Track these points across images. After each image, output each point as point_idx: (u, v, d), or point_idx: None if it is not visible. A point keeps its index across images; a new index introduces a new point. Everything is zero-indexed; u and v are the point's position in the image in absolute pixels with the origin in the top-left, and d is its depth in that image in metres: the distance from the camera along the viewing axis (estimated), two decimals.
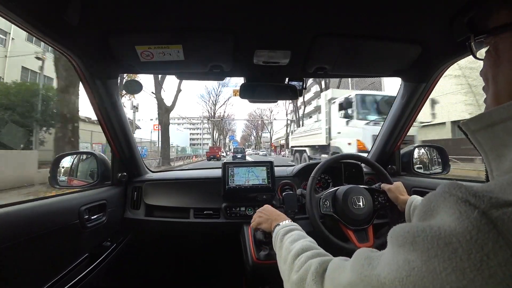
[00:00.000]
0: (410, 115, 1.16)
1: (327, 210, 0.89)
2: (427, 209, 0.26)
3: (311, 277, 0.39)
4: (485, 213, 0.20)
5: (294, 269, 0.45)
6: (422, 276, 0.21)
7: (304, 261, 0.44)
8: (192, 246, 1.46)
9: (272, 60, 0.86)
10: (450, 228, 0.21)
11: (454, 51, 0.82)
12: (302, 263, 0.44)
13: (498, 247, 0.18)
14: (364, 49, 0.82)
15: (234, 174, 1.15)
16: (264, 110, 50.35)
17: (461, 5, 0.59)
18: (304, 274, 0.41)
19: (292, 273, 0.44)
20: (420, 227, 0.23)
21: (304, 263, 0.44)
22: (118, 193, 1.15)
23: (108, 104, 0.97)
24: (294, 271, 0.44)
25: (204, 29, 0.71)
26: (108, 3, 0.59)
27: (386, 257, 0.27)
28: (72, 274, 0.81)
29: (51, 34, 0.65)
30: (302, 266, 0.44)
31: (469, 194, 0.22)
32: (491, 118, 0.30)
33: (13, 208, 0.66)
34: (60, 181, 1.06)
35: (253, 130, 61.79)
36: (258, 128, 56.94)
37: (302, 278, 0.41)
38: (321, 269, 0.40)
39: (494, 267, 0.18)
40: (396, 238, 0.26)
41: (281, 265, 0.51)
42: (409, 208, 0.78)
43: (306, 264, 0.43)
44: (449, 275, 0.19)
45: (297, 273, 0.43)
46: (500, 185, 0.23)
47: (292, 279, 0.43)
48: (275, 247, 0.58)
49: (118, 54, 0.79)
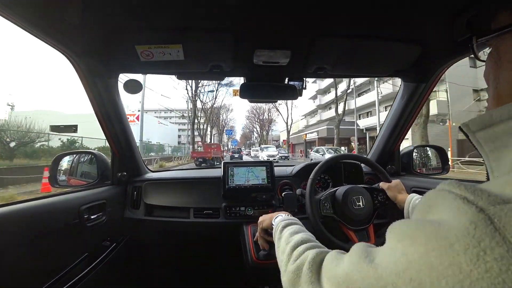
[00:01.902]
0: (410, 115, 1.16)
1: (327, 212, 0.89)
2: (426, 206, 0.26)
3: (307, 266, 0.40)
4: (483, 210, 0.20)
5: (292, 259, 0.45)
6: (419, 270, 0.21)
7: (302, 251, 0.45)
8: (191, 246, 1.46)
9: (272, 60, 0.86)
10: (448, 224, 0.21)
11: (454, 51, 0.82)
12: (300, 253, 0.44)
13: (494, 242, 0.18)
14: (364, 49, 0.82)
15: (234, 174, 1.15)
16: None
17: (461, 5, 0.59)
18: (301, 263, 0.42)
19: (289, 263, 0.45)
20: (419, 222, 0.24)
21: (301, 254, 0.44)
22: (118, 193, 1.15)
23: (108, 104, 0.97)
24: (292, 261, 0.45)
25: (204, 29, 0.71)
26: (108, 3, 0.59)
27: (384, 250, 0.27)
28: (71, 273, 0.81)
29: (51, 34, 0.65)
30: (299, 256, 0.44)
31: (468, 191, 0.23)
32: (491, 118, 0.30)
33: (13, 208, 0.66)
34: (60, 181, 1.06)
35: (255, 125, 50.43)
36: (264, 122, 46.29)
37: (298, 267, 0.42)
38: (318, 259, 0.40)
39: (490, 262, 0.18)
40: (394, 232, 0.26)
41: (279, 255, 0.51)
42: (408, 206, 0.78)
43: (303, 254, 0.44)
44: (446, 269, 0.19)
45: (294, 262, 0.44)
46: (499, 184, 0.23)
47: (289, 268, 0.44)
48: (275, 238, 0.59)
49: (118, 53, 0.79)
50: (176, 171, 1.59)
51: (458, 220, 0.21)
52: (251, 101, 1.11)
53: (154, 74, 1.04)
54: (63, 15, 0.59)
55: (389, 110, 1.25)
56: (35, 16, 0.58)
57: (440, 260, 0.20)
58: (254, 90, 1.05)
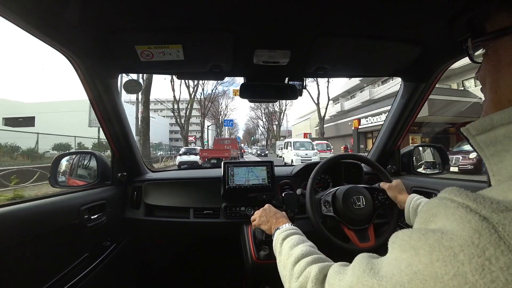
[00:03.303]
0: (410, 115, 1.16)
1: (327, 212, 0.89)
2: (428, 215, 0.26)
3: (311, 285, 0.39)
4: (486, 218, 0.20)
5: (294, 276, 0.44)
6: (424, 281, 0.21)
7: (304, 267, 0.44)
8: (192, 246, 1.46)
9: (272, 60, 0.86)
10: (451, 233, 0.21)
11: (454, 51, 0.82)
12: (302, 270, 0.44)
13: (499, 251, 0.18)
14: (364, 49, 0.82)
15: (234, 174, 1.15)
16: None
17: (461, 5, 0.59)
18: (304, 281, 0.41)
19: (292, 280, 0.44)
20: (422, 232, 0.23)
21: (304, 270, 0.44)
22: (118, 193, 1.15)
23: (108, 104, 0.97)
24: (294, 278, 0.44)
25: (204, 29, 0.71)
26: (108, 2, 0.59)
27: (388, 261, 0.27)
28: (72, 274, 0.81)
29: (51, 34, 0.65)
30: (302, 272, 0.43)
31: (470, 199, 0.22)
32: (492, 122, 0.30)
33: (13, 208, 0.66)
34: (60, 181, 1.06)
35: (262, 120, 40.96)
36: (273, 116, 36.74)
37: (302, 285, 0.41)
38: (321, 276, 0.40)
39: (495, 271, 0.18)
40: (398, 243, 0.26)
41: (281, 270, 0.51)
42: (409, 207, 0.78)
43: (305, 270, 0.43)
44: (450, 280, 0.19)
45: (297, 280, 0.43)
46: (501, 189, 0.23)
47: (292, 286, 0.43)
48: (275, 251, 0.58)
49: (118, 54, 0.79)
50: (176, 171, 1.59)
51: (461, 229, 0.21)
52: (251, 101, 1.11)
53: (154, 74, 1.04)
54: (63, 16, 0.59)
55: (389, 110, 1.25)
56: (34, 16, 0.58)
57: (445, 271, 0.20)
58: (254, 90, 1.05)
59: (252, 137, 52.81)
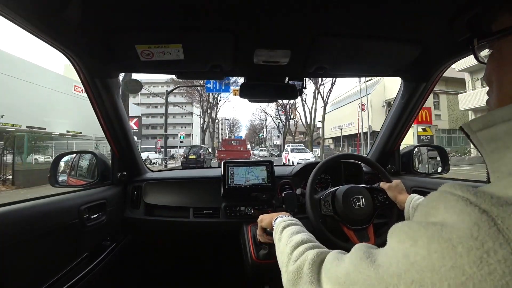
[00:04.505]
0: (410, 114, 1.16)
1: (327, 211, 0.89)
2: (428, 207, 0.26)
3: (307, 266, 0.40)
4: (486, 211, 0.20)
5: (292, 260, 0.45)
6: (421, 271, 0.21)
7: (302, 251, 0.45)
8: (191, 246, 1.46)
9: (272, 59, 0.86)
10: (451, 225, 0.21)
11: (454, 51, 0.82)
12: (300, 254, 0.44)
13: (498, 244, 0.18)
14: (364, 49, 0.82)
15: (234, 174, 1.15)
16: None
17: (461, 5, 0.59)
18: (301, 263, 0.42)
19: (289, 264, 0.45)
20: (421, 224, 0.24)
21: (302, 254, 0.44)
22: (118, 193, 1.15)
23: (108, 104, 0.97)
24: (292, 262, 0.44)
25: (204, 28, 0.71)
26: (108, 2, 0.59)
27: (386, 251, 0.27)
28: (71, 273, 0.81)
29: (51, 34, 0.65)
30: (300, 256, 0.44)
31: (470, 193, 0.22)
32: (493, 118, 0.30)
33: (13, 208, 0.66)
34: (60, 181, 1.06)
35: (265, 120, 35.39)
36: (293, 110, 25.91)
37: (299, 268, 0.42)
38: (318, 259, 0.40)
39: (493, 264, 0.18)
40: (396, 234, 0.26)
41: (279, 256, 0.51)
42: (409, 207, 0.78)
43: (304, 254, 0.43)
44: (448, 271, 0.19)
45: (294, 262, 0.43)
46: (501, 185, 0.23)
47: (289, 269, 0.44)
48: (275, 239, 0.59)
49: (118, 53, 0.79)
50: (176, 171, 1.59)
51: (461, 221, 0.21)
52: (251, 100, 1.11)
53: (154, 73, 1.04)
54: (63, 15, 0.59)
55: (389, 110, 1.25)
56: (35, 16, 0.58)
57: (442, 262, 0.20)
58: (254, 90, 1.05)
59: (261, 134, 42.67)
